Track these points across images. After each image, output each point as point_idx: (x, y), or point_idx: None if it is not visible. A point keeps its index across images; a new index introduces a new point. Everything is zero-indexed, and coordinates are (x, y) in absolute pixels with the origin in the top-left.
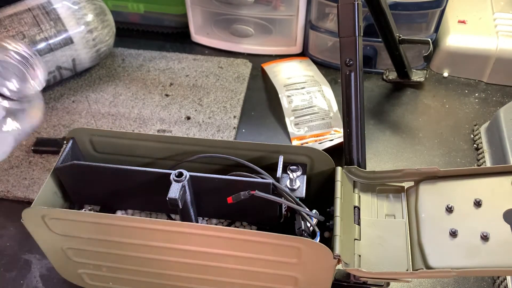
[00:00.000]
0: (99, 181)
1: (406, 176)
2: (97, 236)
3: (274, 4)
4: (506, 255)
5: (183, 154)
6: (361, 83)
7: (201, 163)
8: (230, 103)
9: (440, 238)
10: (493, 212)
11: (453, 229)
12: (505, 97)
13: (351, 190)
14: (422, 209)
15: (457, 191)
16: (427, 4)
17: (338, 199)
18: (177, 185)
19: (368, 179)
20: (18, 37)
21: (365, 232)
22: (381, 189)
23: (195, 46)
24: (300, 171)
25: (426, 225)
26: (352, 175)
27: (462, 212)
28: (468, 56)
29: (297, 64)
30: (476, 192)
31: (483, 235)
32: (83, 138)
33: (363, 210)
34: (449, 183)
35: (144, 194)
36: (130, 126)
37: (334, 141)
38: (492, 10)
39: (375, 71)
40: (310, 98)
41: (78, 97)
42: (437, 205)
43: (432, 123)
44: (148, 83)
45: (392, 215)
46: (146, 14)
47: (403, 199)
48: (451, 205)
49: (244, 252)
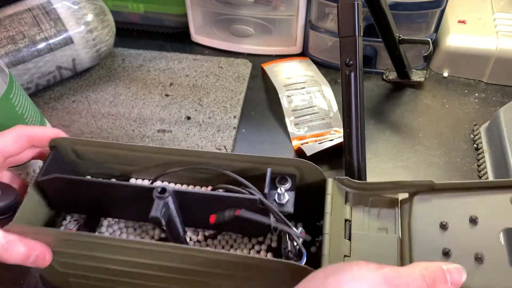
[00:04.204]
0: (82, 193)
1: (400, 188)
2: (78, 251)
3: (274, 4)
4: (501, 279)
5: (170, 163)
6: (361, 83)
7: (188, 172)
8: (230, 103)
9: (432, 257)
10: (489, 231)
11: (447, 249)
12: (505, 97)
13: (342, 202)
14: (415, 225)
15: (452, 207)
16: (427, 4)
17: (328, 214)
18: (159, 202)
19: (361, 190)
20: (18, 37)
21: (356, 247)
22: (374, 200)
23: (195, 46)
24: (289, 183)
25: (419, 243)
26: (344, 186)
27: (456, 230)
28: (468, 56)
29: (297, 64)
30: (472, 208)
31: (477, 256)
32: (66, 147)
33: (354, 224)
34: (445, 197)
35: (129, 206)
36: (130, 126)
37: (334, 141)
38: (492, 10)
39: (375, 71)
40: (310, 98)
41: (78, 97)
42: (431, 221)
43: (432, 123)
44: (148, 83)
45: (385, 229)
46: (146, 14)
47: (396, 212)
48: (446, 221)
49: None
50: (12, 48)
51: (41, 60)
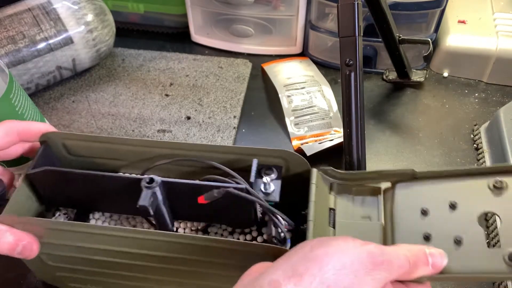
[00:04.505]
0: (72, 186)
1: (383, 177)
2: (67, 242)
3: (274, 4)
4: (478, 260)
5: (158, 157)
6: (361, 83)
7: (176, 166)
8: (230, 103)
9: (414, 242)
10: (467, 215)
11: (427, 233)
12: (505, 97)
13: (327, 192)
14: (397, 212)
15: (433, 193)
16: (427, 4)
17: (313, 202)
18: (147, 192)
19: (345, 180)
20: (18, 37)
21: (340, 234)
22: (358, 190)
23: (195, 46)
24: (275, 174)
25: (401, 228)
26: (328, 176)
27: (437, 215)
28: (468, 56)
29: (297, 64)
30: (452, 194)
31: (456, 240)
32: (56, 142)
33: (338, 212)
34: (426, 184)
35: (118, 198)
36: (130, 126)
37: (334, 141)
38: (492, 10)
39: (375, 71)
40: (310, 98)
41: (78, 97)
42: (412, 207)
43: (432, 123)
44: (148, 83)
45: (368, 217)
46: (146, 14)
47: (379, 200)
48: (426, 207)
49: (215, 258)
50: (12, 48)
51: (41, 60)
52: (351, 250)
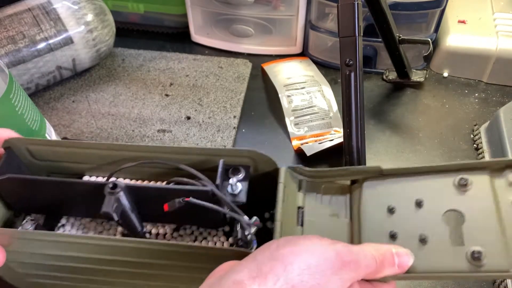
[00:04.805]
0: (38, 192)
1: (351, 174)
2: (34, 250)
3: (274, 4)
4: (442, 259)
5: (125, 160)
6: (361, 83)
7: (147, 168)
8: (230, 103)
9: (380, 240)
10: (433, 213)
11: (393, 232)
12: (505, 97)
13: (295, 190)
14: (365, 210)
15: (400, 191)
16: (427, 4)
17: (280, 202)
18: (111, 198)
19: (314, 177)
20: (18, 37)
21: (308, 233)
22: (327, 187)
23: (195, 46)
24: (242, 174)
25: (367, 226)
26: (297, 173)
27: (403, 213)
28: (468, 56)
29: (297, 64)
30: (418, 192)
31: (421, 238)
32: (19, 148)
33: (307, 211)
34: (393, 182)
35: (85, 203)
36: (130, 126)
37: (334, 141)
38: (492, 10)
39: (375, 71)
40: (310, 98)
41: (78, 97)
42: (379, 205)
43: (432, 123)
44: (148, 83)
45: (336, 215)
46: (146, 14)
47: (347, 198)
48: (393, 205)
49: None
50: (12, 48)
51: (41, 60)
52: (318, 249)
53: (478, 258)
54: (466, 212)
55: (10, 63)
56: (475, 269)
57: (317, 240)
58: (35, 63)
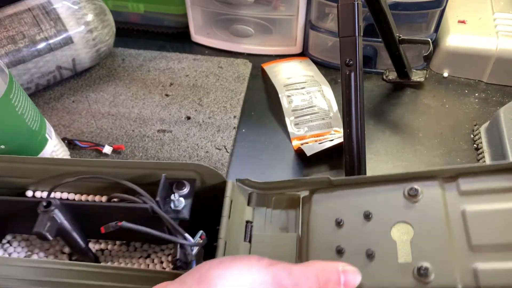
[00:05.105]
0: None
1: (300, 185)
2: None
3: (274, 4)
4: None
5: (65, 175)
6: (361, 83)
7: (85, 182)
8: (230, 103)
9: (327, 255)
10: (382, 226)
11: (340, 247)
12: (505, 97)
13: (244, 204)
14: (313, 223)
15: (348, 203)
16: (427, 4)
17: (225, 217)
18: (44, 216)
19: (263, 190)
20: (18, 37)
21: (256, 248)
22: (277, 200)
23: (195, 46)
24: (187, 188)
25: (315, 241)
26: (246, 186)
27: (351, 227)
28: (468, 56)
29: (297, 64)
30: (367, 203)
31: (368, 253)
32: None
33: (256, 225)
34: (342, 193)
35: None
36: (130, 126)
37: (334, 141)
38: (492, 10)
39: (375, 71)
40: (310, 98)
41: (78, 97)
42: (327, 218)
43: (432, 123)
44: (148, 83)
45: (286, 228)
46: (146, 14)
47: (297, 211)
48: (341, 218)
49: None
50: (12, 48)
51: (41, 60)
52: (253, 272)
53: (425, 275)
54: (415, 225)
55: (10, 63)
56: (421, 286)
57: (255, 262)
58: (35, 63)
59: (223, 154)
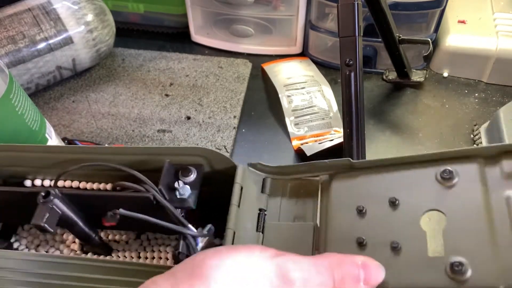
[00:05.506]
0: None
1: (318, 170)
2: None
3: (274, 4)
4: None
5: (67, 162)
6: (361, 83)
7: (90, 170)
8: (230, 103)
9: (347, 248)
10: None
11: (361, 238)
12: (505, 97)
13: (256, 191)
14: (333, 211)
15: (372, 188)
16: (427, 4)
17: (234, 206)
18: (43, 207)
19: (277, 175)
20: (18, 37)
21: (269, 240)
22: (294, 186)
23: (195, 46)
24: (193, 175)
25: (334, 231)
26: (259, 171)
27: (374, 216)
28: (468, 56)
29: (297, 64)
30: (393, 189)
31: (393, 246)
32: None
33: (270, 214)
34: (365, 177)
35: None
36: (130, 126)
37: (334, 141)
38: (492, 10)
39: (375, 71)
40: (310, 98)
41: (78, 97)
42: (347, 206)
43: (432, 123)
44: (148, 83)
45: (302, 218)
46: (146, 14)
47: (315, 198)
48: (363, 206)
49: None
50: (12, 48)
51: (41, 60)
52: (255, 263)
53: (459, 271)
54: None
55: (10, 63)
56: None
57: (257, 252)
58: (35, 63)
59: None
